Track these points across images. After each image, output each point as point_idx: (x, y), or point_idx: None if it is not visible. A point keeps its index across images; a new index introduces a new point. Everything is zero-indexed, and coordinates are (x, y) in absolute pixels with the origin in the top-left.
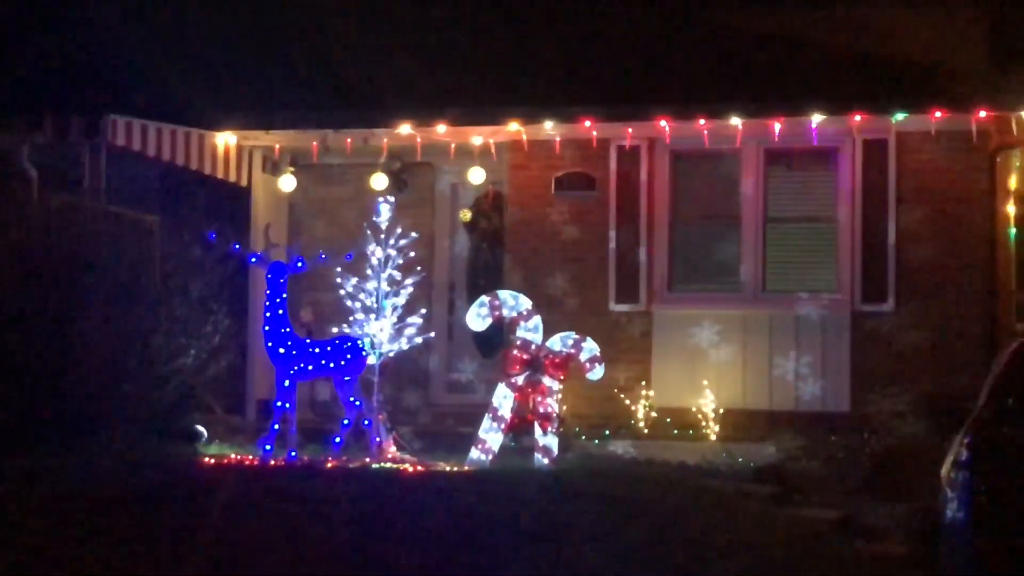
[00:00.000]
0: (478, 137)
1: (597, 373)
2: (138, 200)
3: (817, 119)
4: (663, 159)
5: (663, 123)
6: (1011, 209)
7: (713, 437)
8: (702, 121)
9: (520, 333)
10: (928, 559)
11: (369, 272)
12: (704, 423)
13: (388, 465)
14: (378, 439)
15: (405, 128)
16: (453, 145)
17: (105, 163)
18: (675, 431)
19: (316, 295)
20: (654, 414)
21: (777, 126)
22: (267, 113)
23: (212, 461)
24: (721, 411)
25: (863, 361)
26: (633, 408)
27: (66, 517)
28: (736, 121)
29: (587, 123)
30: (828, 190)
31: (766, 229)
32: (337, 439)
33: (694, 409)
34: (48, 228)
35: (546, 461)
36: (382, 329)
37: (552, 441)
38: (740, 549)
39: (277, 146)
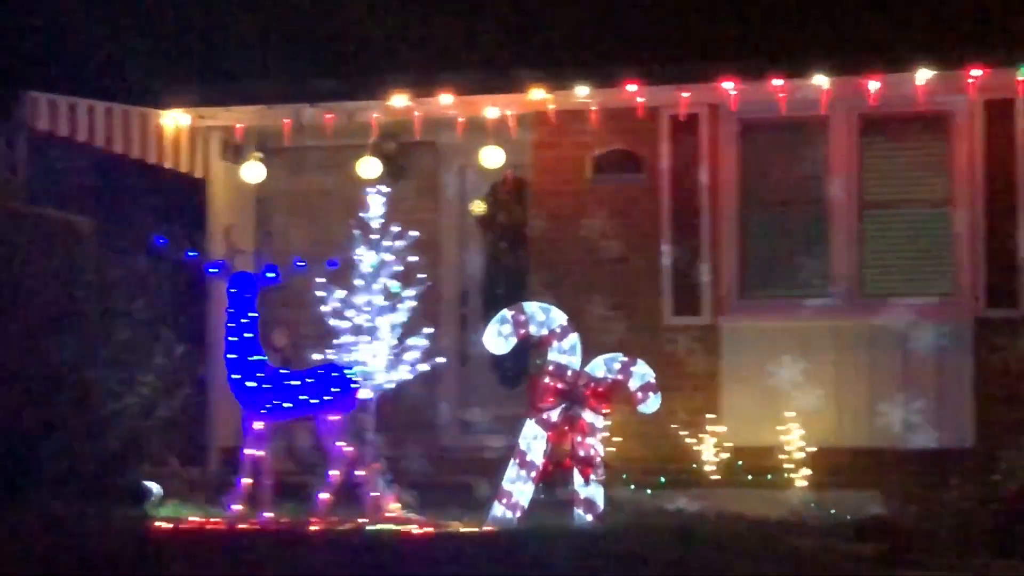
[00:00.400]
0: (493, 108)
1: (651, 405)
2: (67, 199)
3: (924, 76)
4: (728, 131)
5: (727, 85)
6: None
7: (800, 484)
8: (777, 81)
9: (553, 356)
10: None
11: (359, 283)
12: (788, 466)
13: (388, 526)
14: (374, 493)
15: (400, 99)
16: (461, 119)
17: (25, 152)
18: (751, 476)
19: (293, 313)
20: (724, 455)
21: (873, 86)
22: (225, 84)
23: (166, 525)
24: (809, 450)
25: (990, 383)
26: (697, 448)
27: None
28: (821, 80)
29: (631, 87)
30: (940, 166)
31: (862, 217)
32: (323, 494)
33: (774, 448)
34: None
35: (589, 518)
36: (377, 355)
37: (596, 492)
38: None
39: (239, 126)
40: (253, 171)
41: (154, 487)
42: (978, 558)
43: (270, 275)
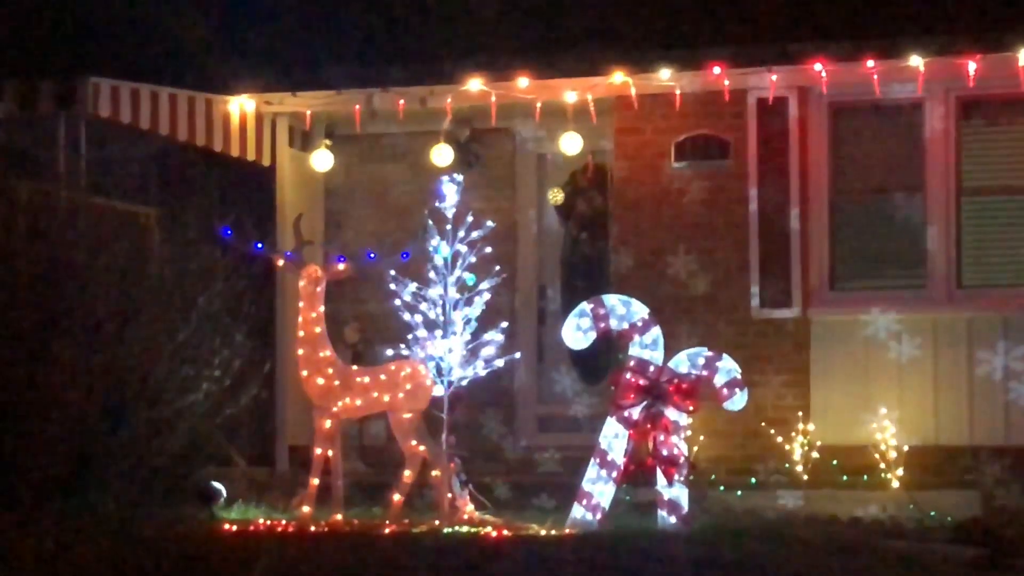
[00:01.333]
0: (572, 93)
1: (738, 402)
2: (130, 188)
3: None
4: (819, 114)
5: (818, 67)
6: None
7: (895, 484)
8: (871, 63)
9: (634, 351)
10: None
11: (432, 275)
12: (883, 465)
13: (464, 529)
14: (450, 494)
15: (475, 83)
16: (539, 104)
17: (85, 140)
18: (844, 476)
19: (364, 307)
20: (815, 454)
21: (972, 66)
22: (293, 69)
23: (233, 528)
24: (905, 449)
25: None
26: (787, 447)
27: None
28: (917, 61)
29: (717, 69)
30: None
31: (960, 204)
32: (396, 496)
33: (869, 447)
34: (12, 226)
35: (673, 520)
36: (451, 350)
37: (681, 493)
38: None
39: (308, 113)
40: (322, 159)
41: (221, 488)
42: None
43: (340, 267)
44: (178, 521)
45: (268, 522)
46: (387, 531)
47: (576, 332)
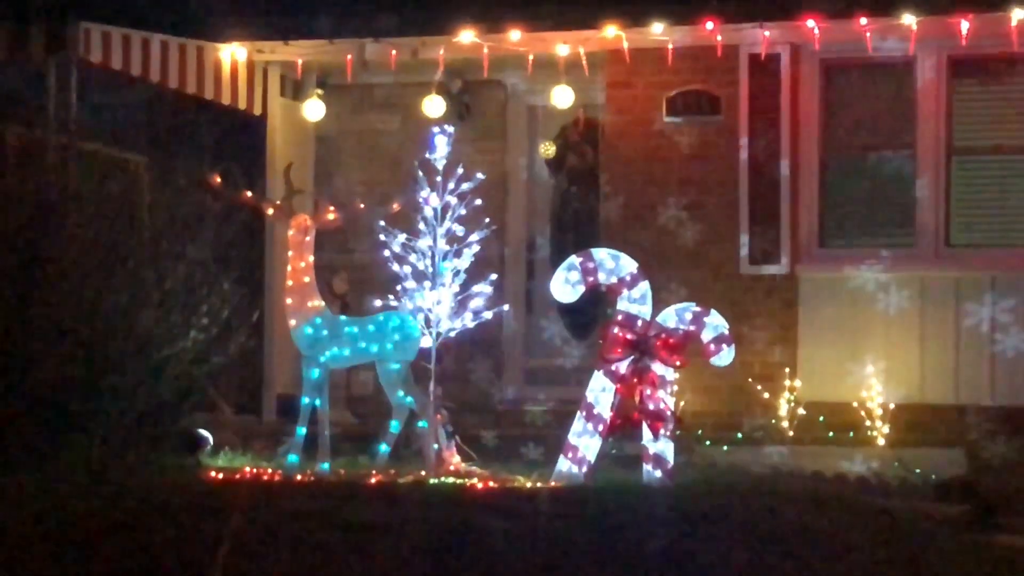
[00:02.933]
0: (564, 46)
1: (725, 357)
2: (120, 135)
3: (1019, 15)
4: (811, 71)
5: (811, 23)
6: None
7: (881, 441)
8: (863, 20)
9: (622, 305)
10: None
11: (422, 227)
12: (868, 423)
13: (450, 480)
14: (436, 446)
15: (467, 35)
16: (531, 57)
17: (76, 86)
18: (830, 433)
19: (353, 257)
20: (801, 411)
21: (965, 25)
22: (285, 17)
23: (220, 476)
24: (891, 406)
25: None
26: (773, 403)
27: (25, 553)
28: (909, 19)
29: (709, 24)
30: None
31: (950, 163)
32: (383, 446)
33: (855, 404)
34: (1, 172)
35: (658, 474)
36: (440, 301)
37: (666, 448)
38: None
39: (300, 61)
40: (313, 109)
41: (208, 436)
42: None
43: (330, 218)
44: (164, 469)
45: (254, 470)
46: (373, 482)
47: (564, 285)
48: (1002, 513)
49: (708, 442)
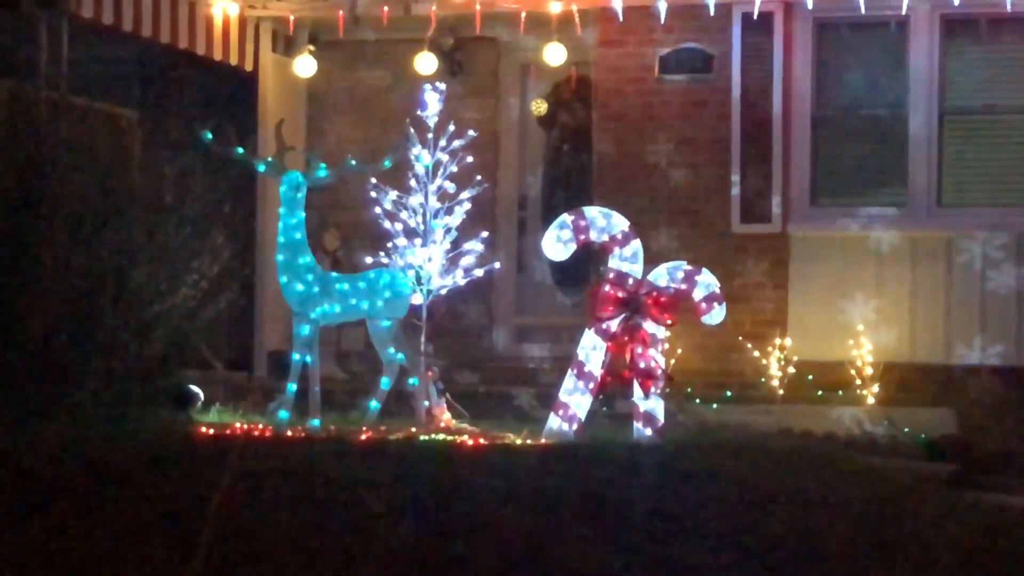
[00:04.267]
0: (556, 3)
1: (716, 316)
2: (111, 90)
3: None
4: (804, 30)
5: None
6: None
7: (870, 400)
8: None
9: (614, 263)
10: None
11: (413, 184)
12: (858, 382)
13: (440, 437)
14: (427, 402)
15: None
16: (523, 14)
17: (67, 41)
18: (820, 392)
19: (344, 214)
20: (792, 370)
21: None
22: None
23: (211, 432)
24: (881, 366)
25: None
26: (764, 362)
27: (18, 505)
28: None
29: None
30: None
31: (943, 123)
32: (373, 403)
33: (845, 363)
34: None
35: (649, 432)
36: (431, 258)
37: (657, 405)
38: (910, 548)
39: (292, 17)
40: (305, 65)
41: (199, 392)
42: None
43: (321, 174)
44: (155, 423)
45: (245, 426)
46: (363, 438)
47: (556, 243)
48: (991, 472)
49: (698, 400)
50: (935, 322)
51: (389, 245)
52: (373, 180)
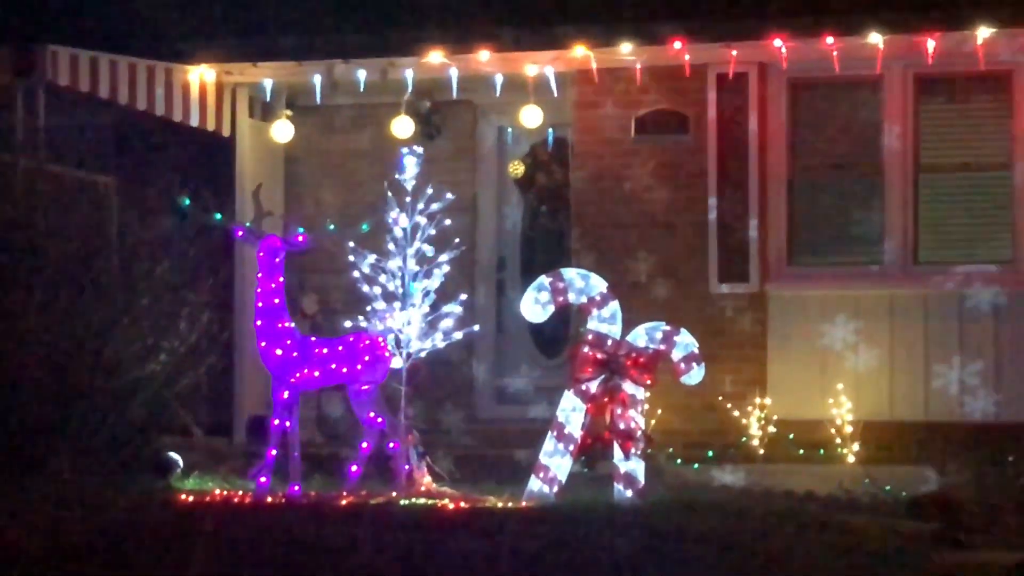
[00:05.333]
0: (533, 66)
1: (695, 376)
2: (88, 157)
3: (984, 34)
4: (778, 91)
5: (778, 42)
6: None
7: (851, 459)
8: (830, 39)
9: (592, 325)
10: None
11: (392, 247)
12: (838, 441)
13: (421, 501)
14: (407, 466)
15: (436, 55)
16: (500, 77)
17: (44, 109)
18: (800, 451)
19: (323, 278)
20: (772, 429)
21: (931, 44)
22: (254, 38)
23: (190, 499)
24: (861, 424)
25: None
26: (744, 422)
27: None
28: (876, 39)
29: (677, 44)
30: (1001, 128)
31: (918, 181)
32: (353, 467)
33: (825, 422)
34: None
35: (629, 493)
36: (410, 322)
37: (637, 467)
38: None
39: (269, 83)
40: (282, 130)
41: (178, 459)
42: None
43: (300, 239)
44: (135, 491)
45: (224, 493)
46: (344, 503)
47: (535, 305)
48: (973, 530)
49: (679, 461)
50: (914, 380)
51: (368, 309)
52: (352, 244)
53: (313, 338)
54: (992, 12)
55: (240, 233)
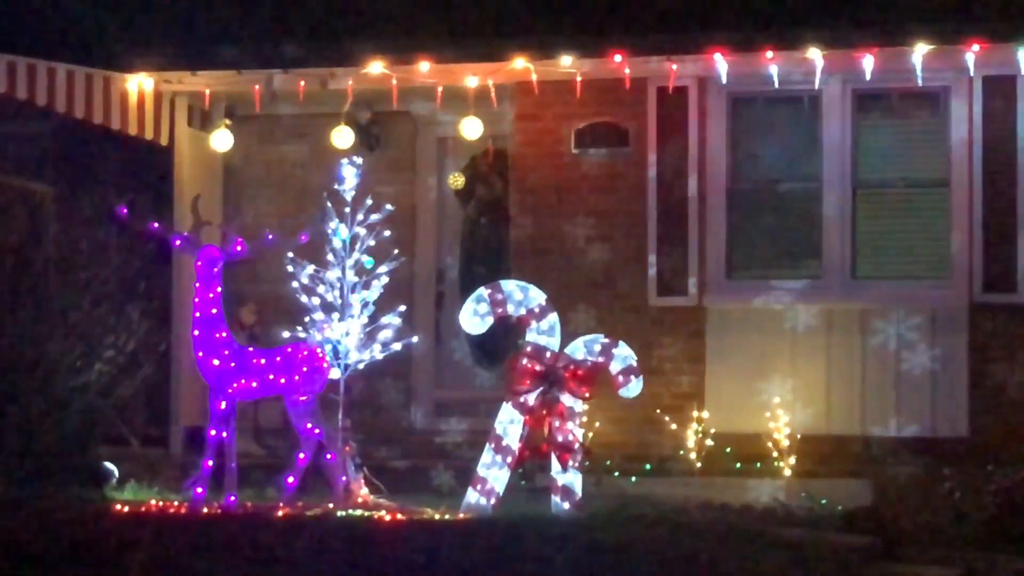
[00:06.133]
0: (473, 78)
1: (633, 389)
2: (25, 165)
3: (921, 51)
4: (718, 104)
5: (717, 56)
6: None
7: (787, 472)
8: (769, 54)
9: (531, 337)
10: None
11: (331, 258)
12: (775, 453)
13: (358, 512)
14: (344, 478)
15: (376, 66)
16: (440, 89)
17: None
18: (737, 464)
19: (261, 289)
20: (709, 442)
21: (869, 59)
22: (193, 47)
23: (126, 509)
24: (798, 437)
25: (986, 370)
26: (682, 435)
27: None
28: (814, 53)
29: (617, 58)
30: (937, 144)
31: (855, 196)
32: (290, 478)
33: (762, 435)
34: None
35: (567, 505)
36: (348, 333)
37: (575, 479)
38: None
39: (208, 92)
40: (221, 139)
41: (113, 469)
42: (971, 551)
43: (238, 249)
44: (70, 502)
45: (160, 503)
46: (280, 514)
47: (474, 317)
48: (906, 543)
49: (617, 473)
50: (851, 394)
51: (306, 319)
52: (290, 254)
53: (251, 348)
54: (929, 29)
55: (178, 243)
